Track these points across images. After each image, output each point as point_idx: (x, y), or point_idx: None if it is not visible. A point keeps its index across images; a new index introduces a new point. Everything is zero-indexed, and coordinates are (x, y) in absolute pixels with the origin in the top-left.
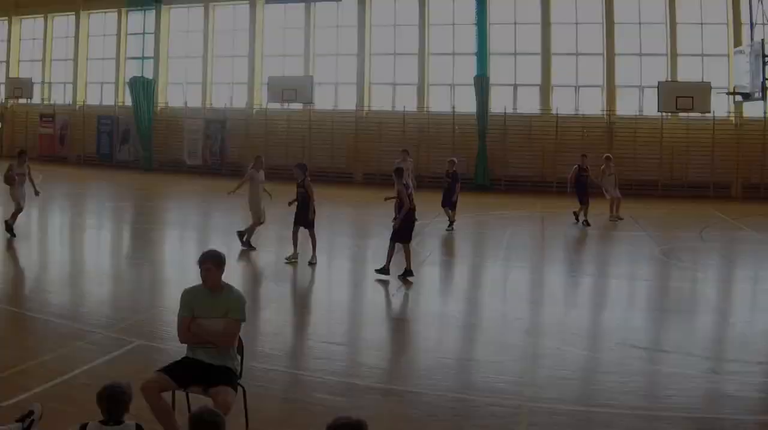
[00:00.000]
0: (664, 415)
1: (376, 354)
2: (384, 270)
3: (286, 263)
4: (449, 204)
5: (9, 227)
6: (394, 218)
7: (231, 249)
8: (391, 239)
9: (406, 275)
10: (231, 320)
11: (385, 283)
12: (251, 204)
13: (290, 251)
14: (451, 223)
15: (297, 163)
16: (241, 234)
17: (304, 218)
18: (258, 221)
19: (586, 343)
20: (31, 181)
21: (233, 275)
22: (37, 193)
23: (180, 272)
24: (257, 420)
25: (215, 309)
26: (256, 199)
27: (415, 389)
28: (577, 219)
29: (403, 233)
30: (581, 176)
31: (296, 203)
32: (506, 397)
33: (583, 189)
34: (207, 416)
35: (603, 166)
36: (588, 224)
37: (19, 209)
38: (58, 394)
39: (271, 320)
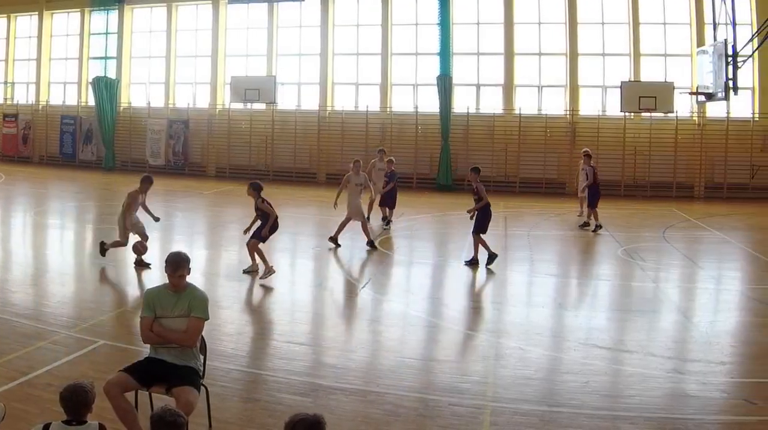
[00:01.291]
0: (626, 415)
1: (339, 354)
2: (474, 261)
3: (262, 278)
4: (387, 203)
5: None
6: (469, 211)
7: (193, 248)
8: (475, 233)
9: (490, 260)
10: (194, 319)
11: (350, 284)
12: (351, 207)
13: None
14: (386, 220)
15: (250, 182)
16: (371, 243)
17: (259, 231)
18: (364, 219)
19: (548, 343)
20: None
21: (195, 274)
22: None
23: (143, 273)
24: (220, 420)
25: (178, 308)
26: (356, 201)
27: (378, 389)
28: (598, 226)
29: (483, 224)
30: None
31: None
32: (469, 397)
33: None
34: (168, 417)
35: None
36: (599, 227)
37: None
38: (20, 394)
39: (233, 320)
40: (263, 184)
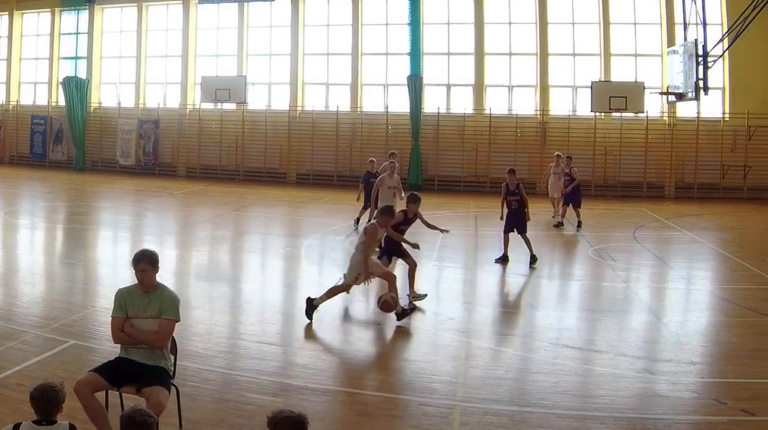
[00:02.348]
0: (596, 415)
1: (310, 354)
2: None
3: None
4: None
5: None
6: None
7: (164, 248)
8: (523, 233)
9: (532, 261)
10: (165, 320)
11: (318, 283)
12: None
13: None
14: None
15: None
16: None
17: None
18: None
19: (519, 343)
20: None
21: (165, 274)
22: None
23: (113, 272)
24: (190, 420)
25: (149, 309)
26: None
27: (349, 388)
28: (579, 223)
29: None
30: (567, 182)
31: None
32: (439, 397)
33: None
34: (138, 417)
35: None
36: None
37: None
38: None
39: (204, 320)
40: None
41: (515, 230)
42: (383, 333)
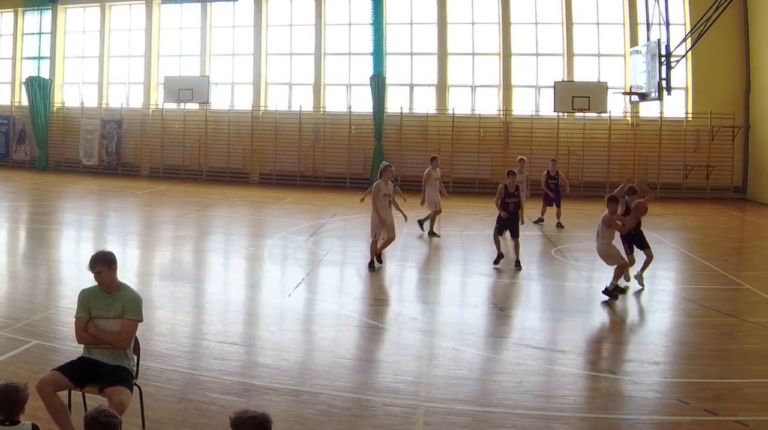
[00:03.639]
0: (559, 415)
1: (272, 354)
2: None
3: None
4: None
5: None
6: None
7: (127, 248)
8: (515, 237)
9: (517, 267)
10: (128, 320)
11: (283, 284)
12: (372, 219)
13: None
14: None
15: None
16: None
17: None
18: (378, 238)
19: (482, 343)
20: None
21: (128, 274)
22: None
23: (76, 273)
24: (153, 420)
25: (112, 309)
26: (385, 215)
27: (312, 389)
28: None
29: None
30: (549, 183)
31: None
32: (402, 397)
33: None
34: (102, 417)
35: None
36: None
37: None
38: None
39: (167, 320)
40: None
41: (509, 232)
42: (346, 333)
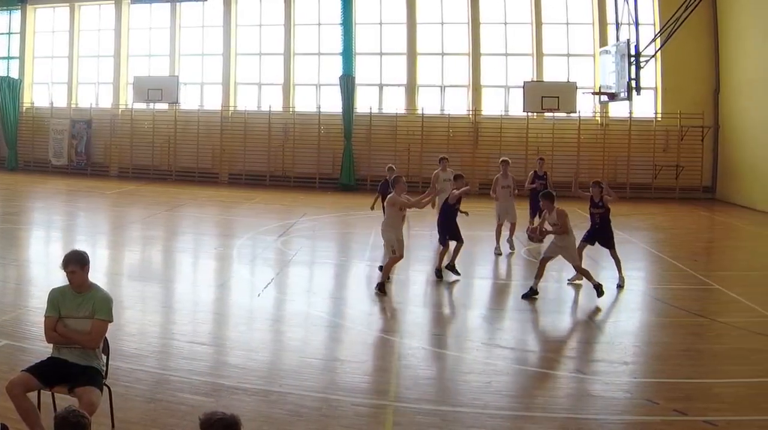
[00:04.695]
0: (529, 415)
1: (241, 354)
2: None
3: None
4: None
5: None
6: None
7: (96, 248)
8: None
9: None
10: (98, 321)
11: (252, 284)
12: (387, 235)
13: None
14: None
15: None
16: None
17: None
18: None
19: (451, 343)
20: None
21: (97, 274)
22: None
23: (45, 272)
24: (122, 420)
25: (82, 309)
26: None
27: (281, 389)
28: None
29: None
30: (538, 184)
31: None
32: (371, 397)
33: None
34: (72, 417)
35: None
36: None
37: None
38: None
39: (136, 320)
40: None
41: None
42: (315, 333)
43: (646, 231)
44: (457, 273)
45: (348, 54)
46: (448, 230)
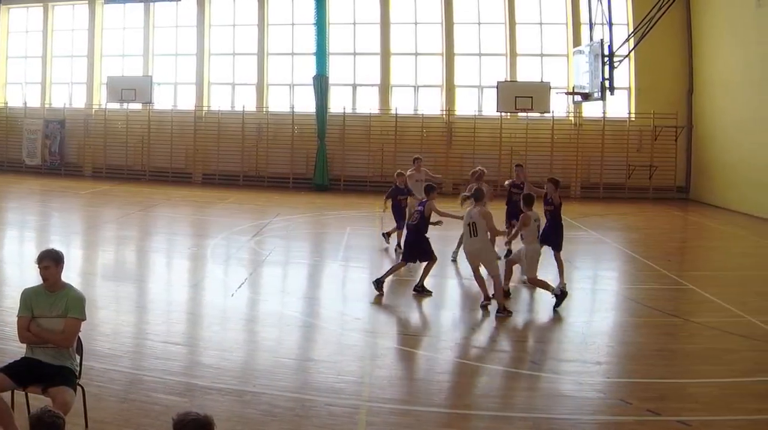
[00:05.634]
0: (502, 415)
1: (215, 354)
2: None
3: None
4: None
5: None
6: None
7: (70, 248)
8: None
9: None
10: (71, 319)
11: (226, 284)
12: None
13: None
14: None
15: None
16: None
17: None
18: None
19: (424, 343)
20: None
21: (71, 274)
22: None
23: (19, 272)
24: (96, 420)
25: (55, 308)
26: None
27: (255, 389)
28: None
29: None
30: (513, 194)
31: None
32: (345, 397)
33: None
34: (47, 417)
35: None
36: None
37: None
38: None
39: (110, 320)
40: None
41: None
42: (289, 333)
43: (619, 231)
44: (429, 293)
45: (321, 54)
46: (418, 251)
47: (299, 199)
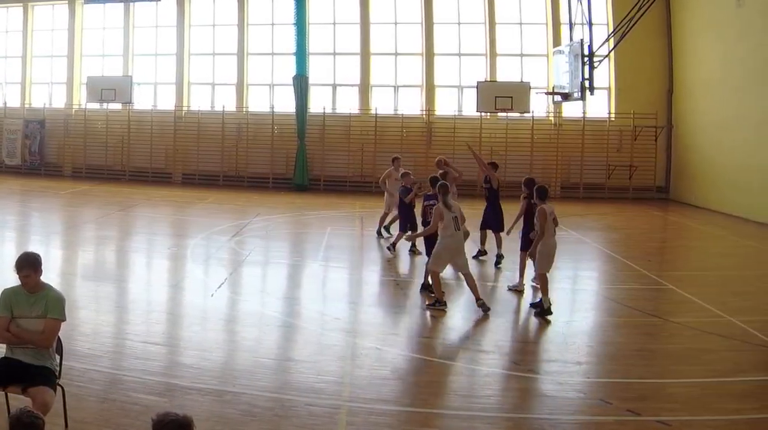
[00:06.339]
0: (482, 415)
1: (195, 354)
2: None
3: None
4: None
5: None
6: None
7: (50, 248)
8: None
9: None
10: (50, 320)
11: (206, 284)
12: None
13: None
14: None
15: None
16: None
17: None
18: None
19: (404, 343)
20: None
21: (50, 274)
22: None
23: None
24: (76, 420)
25: (35, 309)
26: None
27: (234, 389)
28: (479, 253)
29: None
30: (490, 195)
31: None
32: (325, 397)
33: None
34: (26, 418)
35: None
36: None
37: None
38: None
39: (90, 320)
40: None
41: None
42: (269, 333)
43: (599, 231)
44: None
45: (301, 54)
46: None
47: (279, 200)
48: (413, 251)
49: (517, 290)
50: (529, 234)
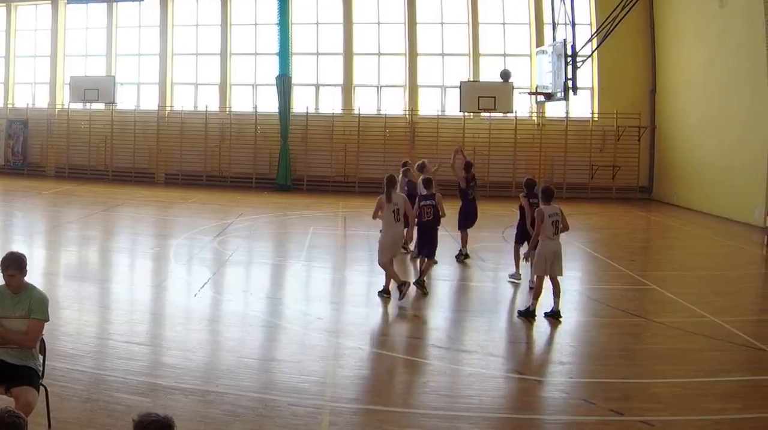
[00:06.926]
0: (466, 415)
1: (178, 354)
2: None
3: None
4: None
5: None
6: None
7: (33, 248)
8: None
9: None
10: (34, 320)
11: (189, 284)
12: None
13: None
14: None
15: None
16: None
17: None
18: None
19: (387, 343)
20: None
21: (34, 274)
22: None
23: None
24: (59, 420)
25: (18, 309)
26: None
27: (218, 389)
28: (462, 255)
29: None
30: (467, 194)
31: None
32: (308, 397)
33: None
34: (7, 418)
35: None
36: (467, 257)
37: None
38: None
39: (73, 320)
40: None
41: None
42: (252, 333)
43: (582, 231)
44: (426, 292)
45: (284, 54)
46: (429, 246)
47: (262, 200)
48: (405, 249)
49: (515, 281)
50: (524, 227)
